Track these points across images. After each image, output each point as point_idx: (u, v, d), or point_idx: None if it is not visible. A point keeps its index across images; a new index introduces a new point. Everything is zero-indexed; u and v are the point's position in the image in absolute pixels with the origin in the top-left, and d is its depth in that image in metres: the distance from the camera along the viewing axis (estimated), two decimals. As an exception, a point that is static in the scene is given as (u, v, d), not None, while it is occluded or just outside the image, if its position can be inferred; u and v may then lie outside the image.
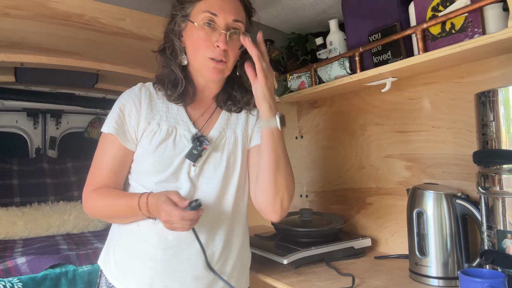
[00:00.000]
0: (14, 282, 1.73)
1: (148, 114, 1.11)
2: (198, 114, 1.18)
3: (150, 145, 1.09)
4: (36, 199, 2.79)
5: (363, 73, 1.30)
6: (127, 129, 1.10)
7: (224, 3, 1.07)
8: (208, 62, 1.07)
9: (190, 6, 1.09)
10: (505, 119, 0.93)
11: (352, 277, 1.23)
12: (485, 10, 1.01)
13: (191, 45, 1.10)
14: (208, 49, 1.07)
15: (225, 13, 1.06)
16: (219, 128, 1.17)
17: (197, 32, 1.07)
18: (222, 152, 1.14)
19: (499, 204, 0.96)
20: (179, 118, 1.14)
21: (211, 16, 1.05)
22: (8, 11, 1.54)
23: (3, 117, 3.17)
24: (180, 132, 1.12)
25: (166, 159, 1.08)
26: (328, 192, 1.81)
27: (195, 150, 1.09)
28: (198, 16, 1.07)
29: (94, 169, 1.12)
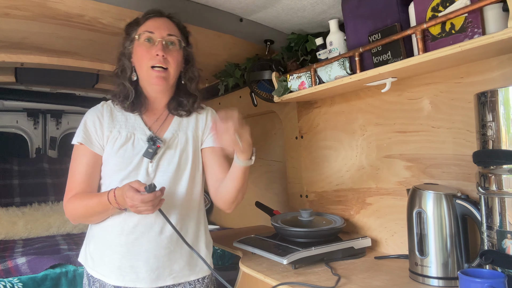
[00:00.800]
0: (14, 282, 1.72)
1: (109, 124, 1.33)
2: (153, 120, 1.38)
3: (113, 149, 1.30)
4: (36, 199, 2.79)
5: (363, 73, 1.31)
6: (93, 137, 1.31)
7: (159, 23, 1.32)
8: (151, 71, 1.29)
9: (134, 32, 1.33)
10: (505, 119, 0.93)
11: (338, 277, 1.24)
12: (485, 10, 1.01)
13: (137, 60, 1.32)
14: (149, 60, 1.28)
15: (160, 30, 1.30)
16: (172, 131, 1.37)
17: (139, 48, 1.30)
18: (175, 150, 1.34)
19: (499, 204, 0.96)
20: (136, 125, 1.35)
21: (149, 34, 1.29)
22: (9, 12, 1.54)
23: (3, 117, 3.17)
24: (138, 136, 1.33)
25: (127, 159, 1.29)
26: (328, 192, 1.81)
27: (150, 149, 1.30)
28: (140, 36, 1.31)
29: (71, 178, 1.31)
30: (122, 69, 1.36)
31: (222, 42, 1.90)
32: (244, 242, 1.61)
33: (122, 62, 1.36)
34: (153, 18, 1.33)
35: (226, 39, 1.86)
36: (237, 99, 2.38)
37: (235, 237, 1.69)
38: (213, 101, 2.64)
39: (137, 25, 1.34)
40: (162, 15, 1.36)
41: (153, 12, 1.35)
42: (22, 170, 2.99)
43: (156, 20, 1.33)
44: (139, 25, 1.33)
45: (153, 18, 1.33)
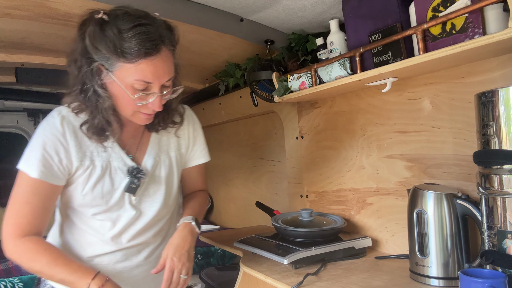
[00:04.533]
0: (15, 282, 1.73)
1: (78, 153, 1.08)
2: (128, 139, 1.18)
3: (88, 184, 1.10)
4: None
5: (364, 73, 1.31)
6: (55, 168, 1.06)
7: (158, 69, 1.00)
8: (139, 115, 1.07)
9: (115, 64, 0.98)
10: (505, 119, 0.93)
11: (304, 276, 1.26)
12: (486, 10, 1.01)
13: (119, 100, 1.04)
14: (141, 108, 1.05)
15: (160, 79, 1.01)
16: (153, 154, 1.20)
17: (127, 95, 1.01)
18: (159, 177, 1.20)
19: (499, 204, 0.96)
20: (111, 150, 1.13)
21: (146, 85, 1.01)
22: (9, 12, 1.54)
23: (3, 117, 3.18)
24: (114, 165, 1.13)
25: (106, 194, 1.12)
26: (328, 192, 1.81)
27: (133, 184, 1.13)
28: (128, 80, 0.99)
29: (22, 208, 1.05)
30: (97, 98, 1.02)
31: (222, 42, 1.90)
32: (244, 242, 1.61)
33: (94, 91, 1.02)
34: (151, 57, 0.97)
35: (227, 39, 1.86)
36: (237, 99, 2.38)
37: (235, 237, 1.69)
38: (213, 101, 2.64)
39: (122, 56, 0.95)
40: (160, 47, 0.99)
41: (150, 47, 0.96)
42: (23, 170, 2.99)
43: (155, 61, 0.98)
44: (126, 59, 0.96)
45: (150, 58, 0.97)
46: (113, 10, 1.00)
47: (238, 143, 2.64)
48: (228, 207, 2.81)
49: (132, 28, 0.95)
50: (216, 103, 2.62)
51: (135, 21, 0.96)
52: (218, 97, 2.53)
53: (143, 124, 1.11)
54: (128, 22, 0.96)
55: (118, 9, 1.00)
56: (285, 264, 1.34)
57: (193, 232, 1.18)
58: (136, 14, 0.99)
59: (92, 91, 1.02)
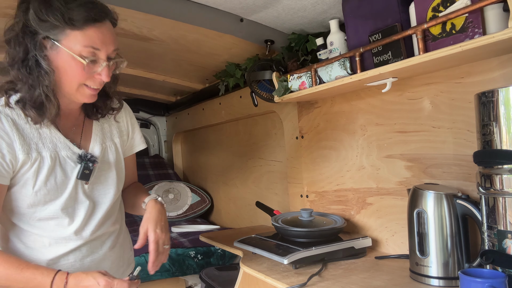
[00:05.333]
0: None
1: (23, 146, 1.03)
2: (70, 128, 1.15)
3: (39, 178, 1.05)
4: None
5: (364, 73, 1.31)
6: (2, 166, 1.00)
7: (105, 36, 1.01)
8: (85, 90, 1.05)
9: (61, 32, 0.97)
10: (505, 119, 0.93)
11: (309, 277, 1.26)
12: (486, 10, 1.01)
13: (65, 72, 1.01)
14: (88, 79, 1.03)
15: (107, 46, 1.02)
16: (99, 141, 1.19)
17: (76, 63, 0.99)
18: (109, 163, 1.20)
19: (499, 204, 0.96)
20: (55, 140, 1.09)
21: (93, 51, 1.00)
22: (9, 11, 1.54)
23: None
24: (63, 155, 1.09)
25: (60, 185, 1.08)
26: (328, 192, 1.82)
27: (87, 170, 1.11)
28: (76, 48, 0.98)
29: None
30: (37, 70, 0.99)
31: (222, 42, 1.90)
32: (244, 242, 1.61)
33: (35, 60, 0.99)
34: (98, 24, 0.99)
35: (227, 39, 1.86)
36: (237, 99, 2.38)
37: (235, 237, 1.69)
38: (213, 101, 2.64)
39: (70, 23, 0.96)
40: (105, 16, 1.03)
41: (97, 14, 1.00)
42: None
43: (102, 28, 1.00)
44: (74, 26, 0.97)
45: (98, 25, 0.99)
46: None
47: (238, 143, 2.64)
48: (228, 207, 2.81)
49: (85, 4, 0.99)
50: (216, 103, 2.62)
51: None
52: (218, 97, 2.53)
53: (88, 101, 1.09)
54: None
55: None
56: (285, 264, 1.34)
57: (163, 208, 1.22)
58: None
59: (34, 62, 0.99)
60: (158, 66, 2.41)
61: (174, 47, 1.99)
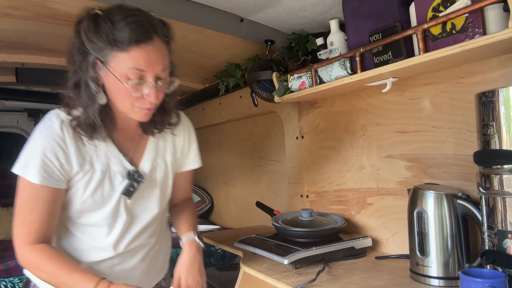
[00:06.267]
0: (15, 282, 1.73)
1: (78, 157, 1.07)
2: (126, 142, 1.16)
3: (88, 189, 1.09)
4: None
5: (364, 73, 1.31)
6: (56, 172, 1.05)
7: (151, 57, 0.99)
8: (138, 109, 1.05)
9: (109, 54, 0.97)
10: (505, 119, 0.93)
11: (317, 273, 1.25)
12: (486, 10, 1.01)
13: (115, 93, 1.03)
14: (137, 101, 1.02)
15: (153, 67, 1.00)
16: (150, 158, 1.19)
17: (122, 86, 0.99)
18: (155, 182, 1.20)
19: (499, 204, 0.96)
20: (110, 153, 1.12)
21: (139, 73, 0.99)
22: (9, 12, 1.54)
23: (4, 117, 3.18)
24: (113, 169, 1.12)
25: (106, 197, 1.11)
26: (328, 192, 1.81)
27: (131, 187, 1.13)
28: (122, 70, 0.98)
29: (27, 217, 1.05)
30: (87, 92, 1.02)
31: (222, 42, 1.90)
32: (244, 242, 1.61)
33: (85, 82, 1.01)
34: (143, 44, 0.97)
35: (227, 39, 1.86)
36: (237, 99, 2.38)
37: (235, 237, 1.69)
38: (214, 101, 2.64)
39: (115, 45, 0.96)
40: (152, 35, 0.99)
41: (142, 34, 0.97)
42: (23, 170, 2.99)
43: (147, 48, 0.98)
44: (119, 48, 0.96)
45: (142, 45, 0.97)
46: (107, 8, 1.02)
47: (238, 143, 2.64)
48: (228, 207, 2.81)
49: (124, 18, 0.97)
50: (216, 103, 2.62)
51: (128, 12, 0.99)
52: (218, 97, 2.53)
53: (142, 120, 1.09)
54: (120, 14, 0.98)
55: (113, 5, 1.03)
56: (286, 264, 1.34)
57: (200, 249, 1.21)
58: (129, 7, 1.01)
59: (85, 84, 1.01)
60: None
61: (174, 47, 1.97)
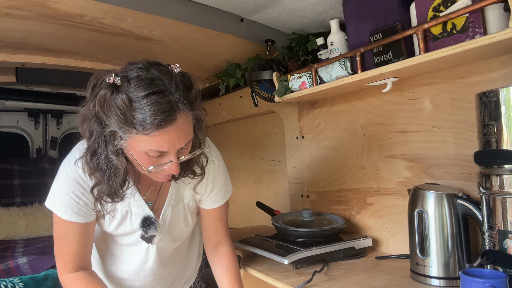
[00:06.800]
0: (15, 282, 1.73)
1: None
2: (149, 187, 1.16)
3: (112, 224, 1.13)
4: (37, 199, 2.80)
5: (364, 73, 1.30)
6: (85, 209, 1.07)
7: (173, 137, 0.92)
8: (158, 175, 1.03)
9: (127, 132, 0.92)
10: (506, 119, 0.93)
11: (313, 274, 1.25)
12: (486, 10, 1.01)
13: (134, 162, 1.00)
14: (157, 168, 0.99)
15: (175, 146, 0.95)
16: (172, 202, 1.19)
17: (145, 157, 0.96)
18: (177, 224, 1.21)
19: (500, 204, 0.96)
20: (131, 196, 1.11)
21: (160, 153, 0.95)
22: (9, 11, 1.54)
23: (4, 117, 3.18)
24: (134, 211, 1.13)
25: (128, 232, 1.16)
26: (329, 192, 1.81)
27: (146, 235, 1.15)
28: (142, 149, 0.93)
29: (62, 248, 1.09)
30: (108, 169, 0.99)
31: (222, 42, 1.90)
32: (245, 242, 1.61)
33: (105, 157, 0.97)
34: (165, 128, 0.90)
35: (227, 39, 1.86)
36: (237, 99, 2.38)
37: (236, 237, 1.69)
38: (214, 101, 2.64)
39: (133, 127, 0.89)
40: (175, 116, 0.90)
41: (164, 118, 0.88)
42: (23, 170, 2.99)
43: (170, 130, 0.91)
44: (138, 131, 0.89)
45: (165, 129, 0.90)
46: (125, 71, 0.94)
47: (238, 143, 2.64)
48: (229, 207, 2.81)
49: (144, 97, 0.88)
50: (217, 103, 2.62)
51: (148, 88, 0.89)
52: (219, 97, 2.53)
53: (162, 181, 1.12)
54: (139, 90, 0.89)
55: (130, 68, 0.94)
56: (286, 264, 1.34)
57: None
58: (150, 78, 0.91)
59: (104, 158, 0.98)
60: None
61: (174, 47, 1.99)
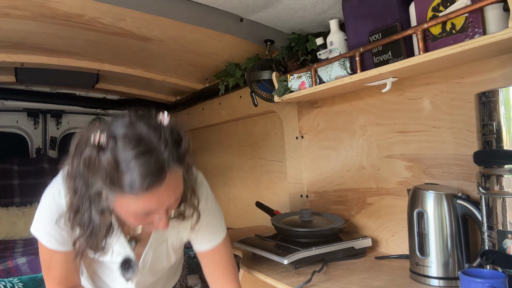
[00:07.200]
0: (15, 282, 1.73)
1: None
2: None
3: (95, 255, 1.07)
4: (36, 199, 2.77)
5: (364, 73, 1.30)
6: (68, 239, 1.03)
7: (163, 196, 0.88)
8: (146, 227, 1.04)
9: (113, 193, 0.87)
10: (505, 119, 0.93)
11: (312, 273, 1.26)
12: (486, 10, 1.01)
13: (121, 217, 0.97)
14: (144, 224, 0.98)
15: (165, 204, 0.91)
16: (154, 245, 1.14)
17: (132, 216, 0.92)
18: (156, 264, 1.18)
19: (499, 204, 0.96)
20: (114, 233, 1.04)
21: (148, 212, 0.91)
22: (9, 11, 1.54)
23: (3, 117, 3.17)
24: (116, 250, 1.09)
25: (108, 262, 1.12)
26: (328, 192, 1.81)
27: (125, 275, 1.12)
28: (129, 209, 0.89)
29: (48, 272, 1.07)
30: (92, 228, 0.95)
31: (222, 42, 1.90)
32: (244, 242, 1.61)
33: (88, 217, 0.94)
34: (154, 189, 0.86)
35: (227, 39, 1.86)
36: (237, 99, 2.38)
37: (235, 237, 1.69)
38: (213, 101, 2.64)
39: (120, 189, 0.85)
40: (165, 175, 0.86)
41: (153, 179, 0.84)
42: (22, 170, 2.99)
43: (159, 190, 0.87)
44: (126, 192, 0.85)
45: (154, 189, 0.86)
46: (111, 128, 0.88)
47: (238, 143, 2.64)
48: (228, 207, 2.81)
49: (132, 159, 0.83)
50: (216, 103, 2.62)
51: (135, 148, 0.84)
52: (218, 97, 2.53)
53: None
54: (127, 151, 0.84)
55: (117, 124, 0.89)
56: (285, 264, 1.34)
57: None
58: (137, 136, 0.86)
59: (87, 216, 0.94)
60: (157, 66, 2.41)
61: (174, 47, 1.99)
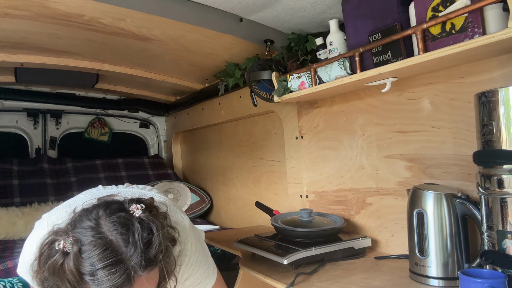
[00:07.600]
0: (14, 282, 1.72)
1: None
2: None
3: None
4: (36, 199, 2.79)
5: (363, 73, 1.30)
6: None
7: None
8: None
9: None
10: (505, 119, 0.93)
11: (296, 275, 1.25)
12: (485, 10, 1.01)
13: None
14: None
15: None
16: None
17: None
18: None
19: (499, 204, 0.96)
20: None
21: None
22: (8, 11, 1.54)
23: (3, 117, 3.17)
24: None
25: None
26: (328, 192, 1.81)
27: None
28: None
29: None
30: None
31: (222, 42, 1.90)
32: (244, 242, 1.61)
33: None
34: None
35: (226, 39, 1.86)
36: (237, 99, 2.38)
37: (235, 237, 1.69)
38: (213, 101, 2.64)
39: None
40: (133, 281, 0.82)
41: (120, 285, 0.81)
42: (22, 170, 2.99)
43: None
44: None
45: None
46: (77, 231, 0.84)
47: (237, 143, 2.64)
48: (228, 207, 2.81)
49: (96, 271, 0.80)
50: (216, 103, 2.62)
51: (101, 259, 0.81)
52: (218, 97, 2.53)
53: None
54: (92, 261, 0.80)
55: (83, 226, 0.85)
56: (285, 264, 1.34)
57: None
58: (104, 244, 0.82)
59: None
60: (157, 66, 2.41)
61: (174, 47, 1.99)
